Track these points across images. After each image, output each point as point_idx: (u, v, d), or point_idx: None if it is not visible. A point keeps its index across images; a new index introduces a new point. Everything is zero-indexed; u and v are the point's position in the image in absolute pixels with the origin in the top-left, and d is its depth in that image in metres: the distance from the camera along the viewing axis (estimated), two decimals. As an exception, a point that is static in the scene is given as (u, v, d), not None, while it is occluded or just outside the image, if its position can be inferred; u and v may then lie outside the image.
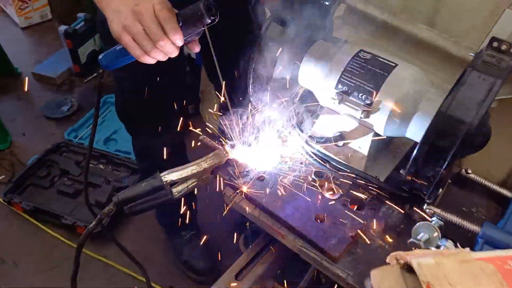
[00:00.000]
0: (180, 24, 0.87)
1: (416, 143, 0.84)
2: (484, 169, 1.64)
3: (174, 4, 0.90)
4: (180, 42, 0.89)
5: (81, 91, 2.91)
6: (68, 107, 2.75)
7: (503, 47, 0.82)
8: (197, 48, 0.94)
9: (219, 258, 1.97)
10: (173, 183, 0.95)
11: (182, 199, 1.84)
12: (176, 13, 0.88)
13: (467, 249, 0.75)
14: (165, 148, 1.62)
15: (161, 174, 0.94)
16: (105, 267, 2.05)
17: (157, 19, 0.86)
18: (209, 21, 0.87)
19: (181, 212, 1.96)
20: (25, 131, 2.65)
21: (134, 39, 0.88)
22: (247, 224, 1.99)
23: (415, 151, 0.79)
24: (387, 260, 0.76)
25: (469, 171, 1.02)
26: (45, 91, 2.91)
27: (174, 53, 0.91)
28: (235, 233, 1.61)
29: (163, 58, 0.92)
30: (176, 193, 0.96)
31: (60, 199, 2.24)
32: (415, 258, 0.72)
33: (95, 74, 2.98)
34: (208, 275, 1.99)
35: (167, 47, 0.89)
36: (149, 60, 0.92)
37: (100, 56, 0.99)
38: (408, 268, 0.72)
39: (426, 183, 0.81)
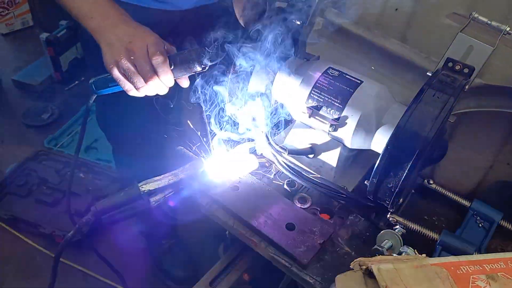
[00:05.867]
0: (172, 67, 0.91)
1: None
2: (455, 179, 1.72)
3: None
4: (170, 84, 0.93)
5: (62, 98, 2.90)
6: (49, 114, 2.73)
7: (457, 67, 0.89)
8: (186, 84, 0.98)
9: (199, 267, 1.99)
10: (151, 193, 0.98)
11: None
12: (168, 56, 0.92)
13: (424, 255, 0.81)
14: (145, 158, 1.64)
15: (139, 184, 0.97)
16: (84, 276, 2.04)
17: (150, 60, 0.89)
18: (200, 69, 0.91)
19: (161, 221, 1.98)
20: (4, 138, 2.62)
21: (125, 75, 0.92)
22: (227, 232, 2.02)
23: (376, 163, 0.85)
24: (351, 266, 0.81)
25: (431, 182, 1.08)
26: (26, 98, 2.88)
27: (164, 92, 0.95)
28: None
29: (152, 94, 0.96)
30: (153, 202, 0.99)
31: (39, 208, 2.22)
32: (376, 263, 0.77)
33: (76, 82, 2.97)
34: (188, 284, 2.00)
35: (157, 87, 0.93)
36: (138, 95, 0.96)
37: (91, 81, 1.02)
38: (369, 273, 0.77)
39: (387, 193, 0.87)
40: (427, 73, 0.89)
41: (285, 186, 1.05)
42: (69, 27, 2.84)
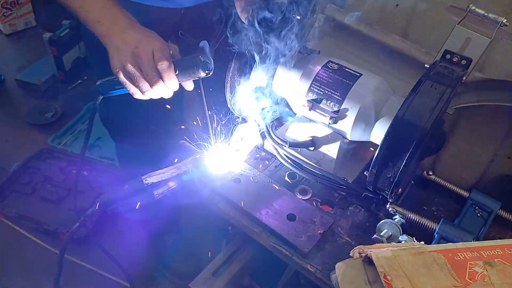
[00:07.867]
0: (177, 72, 0.93)
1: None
2: (456, 173, 1.73)
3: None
4: (175, 88, 0.95)
5: (65, 97, 2.91)
6: (52, 113, 2.75)
7: (455, 59, 0.91)
8: (190, 87, 1.00)
9: (201, 262, 2.00)
10: (154, 185, 1.00)
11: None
12: (173, 61, 0.94)
13: (422, 242, 0.83)
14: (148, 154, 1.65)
15: (143, 177, 0.99)
16: (89, 273, 2.06)
17: (155, 65, 0.91)
18: (204, 74, 0.93)
19: (164, 217, 1.99)
20: (8, 137, 2.63)
21: (131, 79, 0.93)
22: (229, 228, 2.04)
23: (375, 154, 0.86)
24: (351, 254, 0.82)
25: (430, 173, 1.09)
26: (29, 97, 2.90)
27: (169, 95, 0.97)
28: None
29: (157, 97, 0.98)
30: (157, 195, 1.01)
31: (43, 206, 2.23)
32: (375, 251, 0.79)
33: (79, 81, 2.99)
34: (191, 279, 2.02)
35: (162, 91, 0.95)
36: (143, 98, 0.98)
37: (98, 83, 1.04)
38: (369, 261, 0.79)
39: (386, 184, 0.88)
40: (425, 65, 0.90)
41: (286, 178, 1.07)
42: (72, 26, 2.86)
